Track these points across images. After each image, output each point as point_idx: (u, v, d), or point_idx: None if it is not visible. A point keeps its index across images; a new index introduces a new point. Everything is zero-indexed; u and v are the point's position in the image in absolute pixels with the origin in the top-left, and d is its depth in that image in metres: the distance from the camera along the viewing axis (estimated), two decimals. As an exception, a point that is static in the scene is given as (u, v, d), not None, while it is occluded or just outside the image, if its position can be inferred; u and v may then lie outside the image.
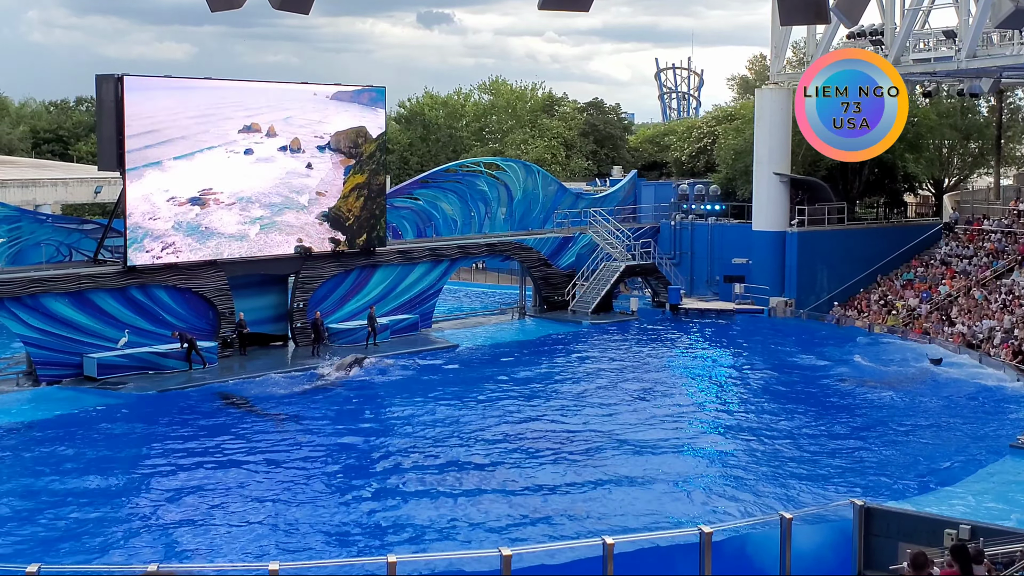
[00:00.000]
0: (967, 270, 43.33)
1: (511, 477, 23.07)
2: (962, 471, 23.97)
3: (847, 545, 16.05)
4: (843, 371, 34.47)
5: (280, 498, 21.44)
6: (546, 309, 44.23)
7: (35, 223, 32.62)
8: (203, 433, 26.63)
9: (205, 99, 33.53)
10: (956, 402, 30.56)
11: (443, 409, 29.05)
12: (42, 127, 71.23)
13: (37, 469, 23.35)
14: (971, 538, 14.60)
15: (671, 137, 65.56)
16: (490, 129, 71.93)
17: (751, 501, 21.67)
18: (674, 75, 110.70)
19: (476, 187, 43.32)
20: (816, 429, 27.81)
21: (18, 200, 40.90)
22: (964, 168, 54.52)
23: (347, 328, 37.03)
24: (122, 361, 31.44)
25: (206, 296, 33.71)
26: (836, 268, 45.06)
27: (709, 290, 47.43)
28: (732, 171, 50.37)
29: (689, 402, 30.90)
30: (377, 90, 38.03)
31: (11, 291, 29.80)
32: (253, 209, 34.51)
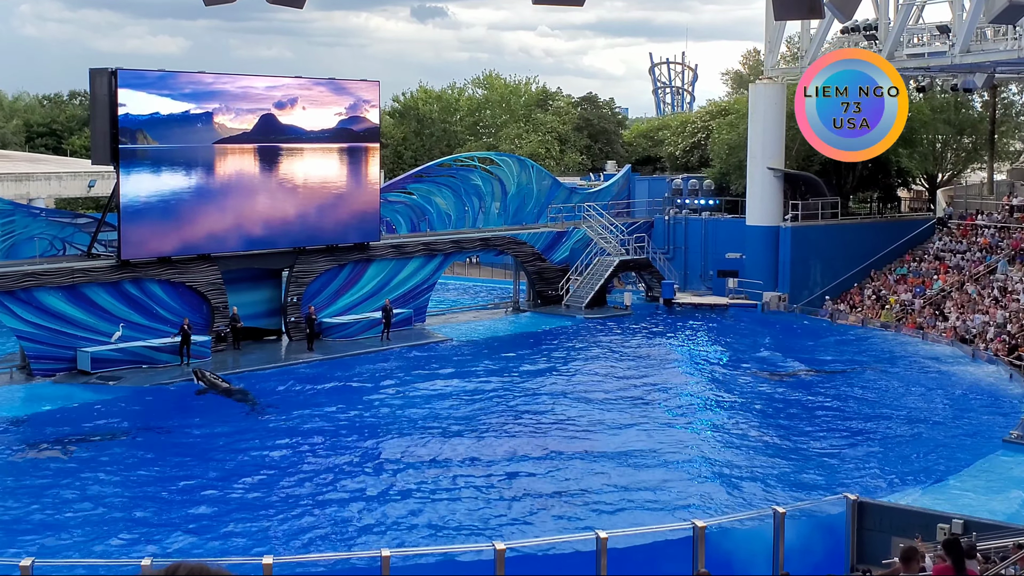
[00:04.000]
0: (960, 265, 43.42)
1: (501, 470, 23.10)
2: (955, 466, 24.04)
3: (839, 539, 16.11)
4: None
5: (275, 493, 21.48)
6: (540, 304, 44.24)
7: (29, 217, 32.58)
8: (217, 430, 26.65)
9: (199, 93, 33.42)
10: (948, 397, 30.60)
11: (435, 401, 29.08)
12: (35, 121, 70.97)
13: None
14: (963, 532, 14.65)
15: (665, 132, 65.51)
16: (484, 124, 71.85)
17: (743, 495, 21.71)
18: (668, 70, 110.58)
19: (470, 181, 43.31)
20: (808, 424, 27.86)
21: (11, 194, 40.85)
22: (958, 163, 54.56)
23: (341, 323, 37.02)
24: (115, 355, 31.40)
25: (199, 290, 33.67)
26: (829, 263, 45.11)
27: (703, 285, 47.48)
28: (726, 166, 50.40)
29: (682, 395, 30.93)
30: (371, 84, 37.99)
31: (4, 285, 29.75)
32: (246, 203, 34.45)
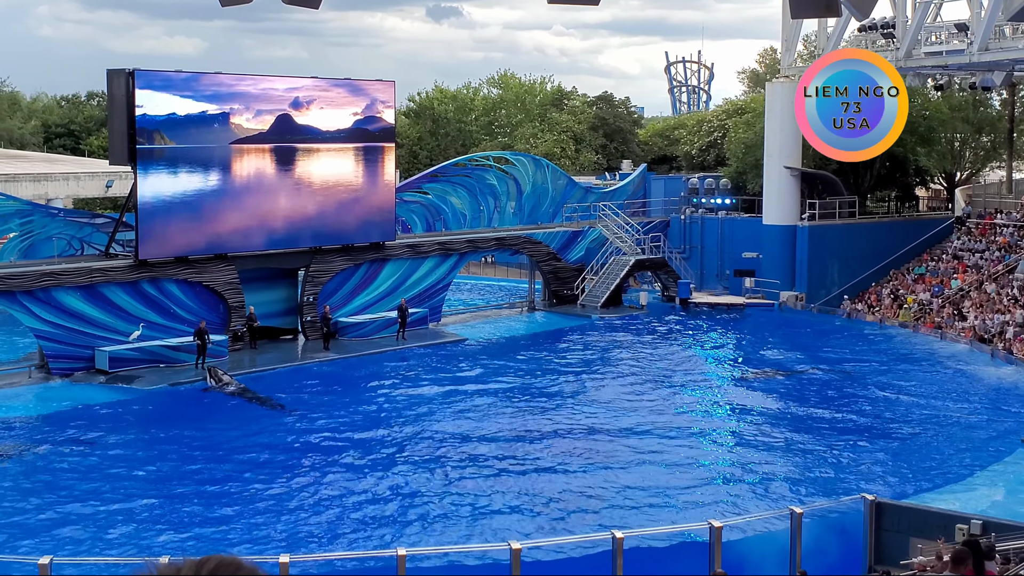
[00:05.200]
0: (979, 264, 43.18)
1: (517, 469, 23.08)
2: (974, 466, 23.91)
3: (854, 540, 16.03)
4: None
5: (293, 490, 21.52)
6: (555, 303, 44.19)
7: (47, 217, 32.70)
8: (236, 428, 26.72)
9: (216, 93, 33.51)
10: (967, 397, 30.44)
11: (451, 401, 29.08)
12: (53, 121, 71.31)
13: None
14: (982, 533, 14.56)
15: (681, 131, 65.43)
16: (499, 123, 71.85)
17: (761, 495, 21.64)
18: (684, 69, 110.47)
19: (485, 181, 43.29)
20: (825, 423, 27.75)
21: (30, 194, 41.01)
22: (976, 162, 54.32)
23: (356, 322, 37.06)
24: (133, 354, 31.51)
25: (216, 290, 33.77)
26: (847, 262, 44.92)
27: (719, 284, 47.32)
28: (742, 165, 50.25)
29: (697, 396, 30.86)
30: (386, 84, 38.02)
31: (23, 284, 29.90)
32: (263, 203, 34.52)
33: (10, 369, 32.16)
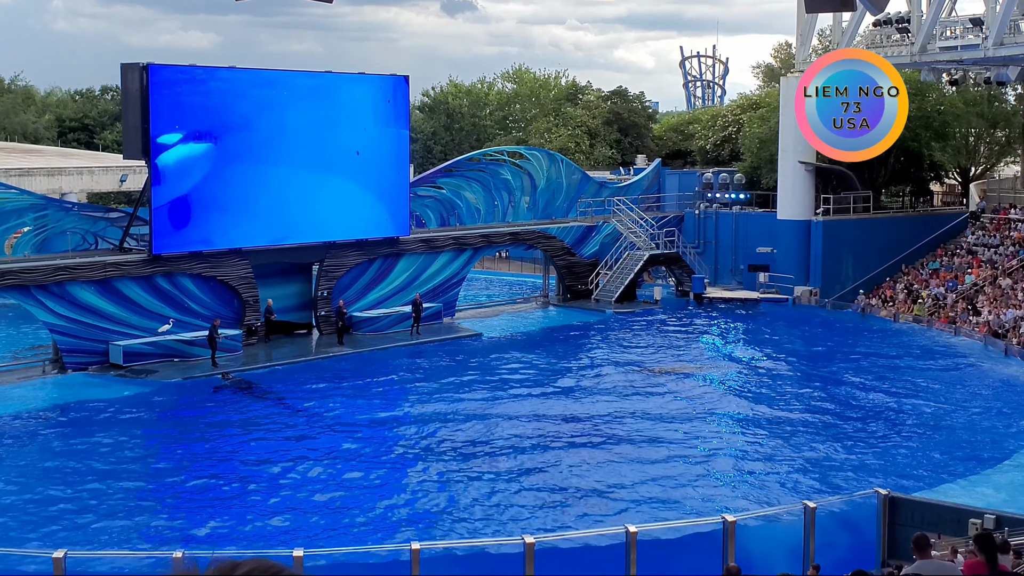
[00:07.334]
0: (993, 259, 43.02)
1: (534, 464, 23.11)
2: (987, 461, 23.85)
3: (866, 534, 16.01)
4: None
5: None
6: (570, 298, 44.20)
7: (61, 211, 32.83)
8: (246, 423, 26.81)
9: (230, 88, 33.57)
10: (981, 392, 30.37)
11: (467, 396, 29.12)
12: (68, 116, 71.53)
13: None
14: (996, 528, 14.53)
15: (695, 126, 65.23)
16: (514, 118, 71.81)
17: (774, 490, 21.63)
18: (699, 63, 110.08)
19: (500, 176, 43.28)
20: (840, 418, 27.70)
21: (44, 189, 41.16)
22: (991, 157, 54.06)
23: (371, 317, 37.11)
24: (147, 349, 31.63)
25: (231, 284, 33.86)
26: (861, 257, 44.81)
27: (733, 279, 47.27)
28: (757, 160, 50.15)
29: (711, 390, 30.83)
30: (401, 78, 38.03)
31: (37, 279, 30.03)
32: (277, 197, 34.59)
33: (23, 364, 32.30)
